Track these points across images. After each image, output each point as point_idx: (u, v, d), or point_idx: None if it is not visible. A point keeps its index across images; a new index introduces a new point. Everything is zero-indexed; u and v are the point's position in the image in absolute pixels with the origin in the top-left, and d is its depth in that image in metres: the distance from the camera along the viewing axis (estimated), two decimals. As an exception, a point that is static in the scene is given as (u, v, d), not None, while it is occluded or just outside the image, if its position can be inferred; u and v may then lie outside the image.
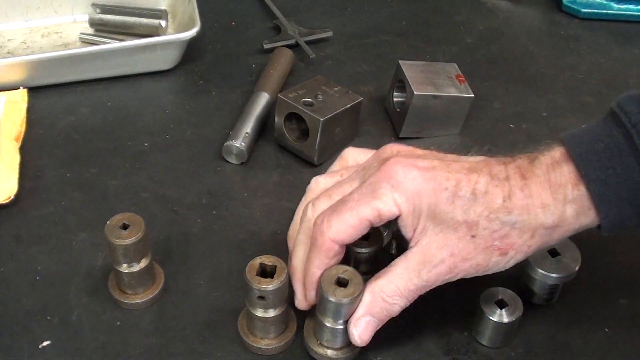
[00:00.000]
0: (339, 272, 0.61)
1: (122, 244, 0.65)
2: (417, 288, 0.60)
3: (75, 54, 0.91)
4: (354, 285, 0.60)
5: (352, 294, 0.60)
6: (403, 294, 0.60)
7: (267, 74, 0.94)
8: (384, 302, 0.60)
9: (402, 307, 0.61)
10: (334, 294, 0.60)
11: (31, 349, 0.65)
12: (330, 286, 0.60)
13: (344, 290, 0.60)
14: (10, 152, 0.82)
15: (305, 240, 0.64)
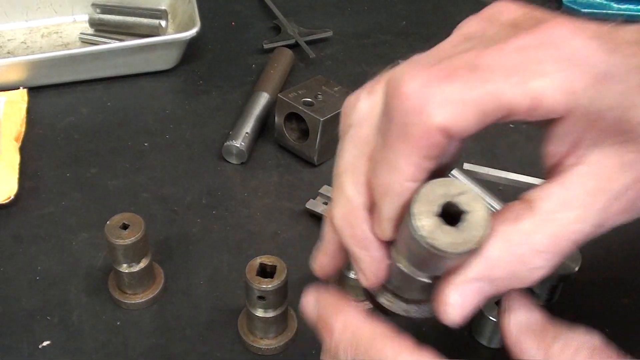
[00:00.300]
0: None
1: (122, 244, 0.65)
2: (581, 237, 0.38)
3: (75, 54, 0.91)
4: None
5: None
6: (558, 249, 0.37)
7: (267, 74, 0.94)
8: (520, 264, 0.37)
9: (544, 274, 0.38)
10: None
11: (31, 349, 0.65)
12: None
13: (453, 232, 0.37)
14: (10, 152, 0.82)
15: (362, 134, 0.41)
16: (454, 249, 0.36)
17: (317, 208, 0.77)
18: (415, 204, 0.37)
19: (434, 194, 0.37)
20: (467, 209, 0.36)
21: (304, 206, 0.78)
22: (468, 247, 0.36)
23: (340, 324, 0.42)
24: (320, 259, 0.49)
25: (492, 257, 0.37)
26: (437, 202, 0.37)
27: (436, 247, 0.36)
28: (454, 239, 0.36)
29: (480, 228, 0.36)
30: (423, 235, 0.36)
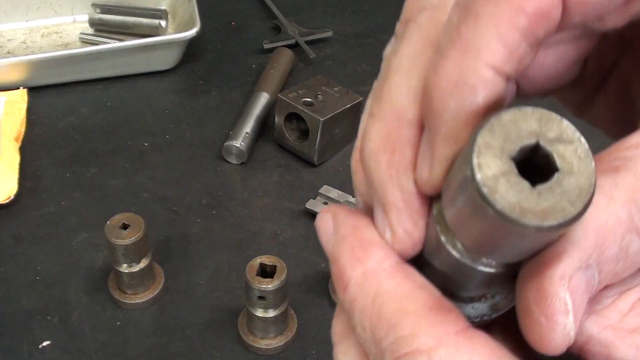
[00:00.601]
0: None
1: (122, 244, 0.65)
2: None
3: (75, 54, 0.91)
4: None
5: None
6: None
7: (267, 74, 0.94)
8: (633, 234, 0.25)
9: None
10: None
11: (31, 349, 0.65)
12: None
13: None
14: (10, 152, 0.82)
15: (440, 22, 0.27)
16: (533, 220, 0.23)
17: (317, 208, 0.77)
18: (481, 136, 0.24)
19: (516, 126, 0.24)
20: (564, 167, 0.24)
21: (304, 206, 0.78)
22: (557, 220, 0.23)
23: (359, 275, 0.26)
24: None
25: (601, 224, 0.25)
26: (518, 141, 0.24)
27: (492, 205, 0.23)
28: (535, 204, 0.23)
29: (582, 196, 0.23)
30: (483, 190, 0.23)
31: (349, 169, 0.36)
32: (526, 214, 0.23)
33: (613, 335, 0.25)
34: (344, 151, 0.86)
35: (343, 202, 0.77)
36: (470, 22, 0.25)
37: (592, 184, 0.23)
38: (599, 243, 0.24)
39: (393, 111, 0.27)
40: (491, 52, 0.24)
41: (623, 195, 0.25)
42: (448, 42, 0.25)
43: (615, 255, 0.24)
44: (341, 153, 0.86)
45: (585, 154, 0.24)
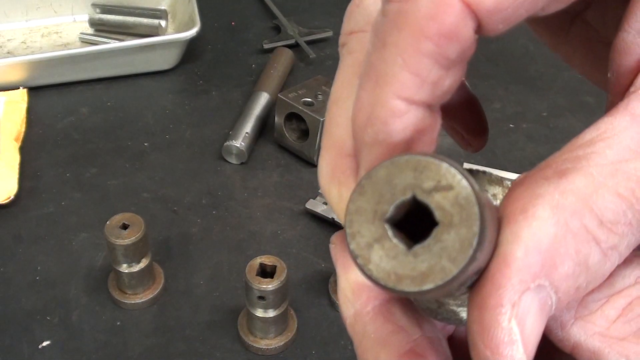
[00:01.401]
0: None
1: (122, 244, 0.65)
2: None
3: (75, 54, 0.91)
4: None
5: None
6: (637, 216, 0.23)
7: (267, 74, 0.94)
8: (587, 245, 0.23)
9: (619, 260, 0.24)
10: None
11: (31, 349, 0.65)
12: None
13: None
14: (10, 152, 0.82)
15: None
16: (409, 287, 0.21)
17: (317, 208, 0.77)
18: (352, 202, 0.22)
19: (389, 183, 0.22)
20: (444, 219, 0.21)
21: (304, 206, 0.78)
22: (436, 282, 0.21)
23: (351, 316, 0.27)
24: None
25: (544, 240, 0.22)
26: (392, 200, 0.22)
27: (368, 276, 0.22)
28: (412, 268, 0.21)
29: (464, 250, 0.21)
30: (358, 262, 0.22)
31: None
32: (401, 281, 0.21)
33: (601, 342, 0.24)
34: (344, 151, 0.86)
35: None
36: (379, 51, 0.23)
37: (476, 234, 0.21)
38: (546, 261, 0.22)
39: (335, 145, 0.27)
40: (399, 82, 0.23)
41: (572, 202, 0.22)
42: (364, 72, 0.24)
43: (572, 271, 0.22)
44: (341, 153, 0.86)
45: (467, 199, 0.21)
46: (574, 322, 0.24)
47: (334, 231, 0.75)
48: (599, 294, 0.24)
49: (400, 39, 0.23)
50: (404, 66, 0.23)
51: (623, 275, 0.24)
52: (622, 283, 0.24)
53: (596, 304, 0.24)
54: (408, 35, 0.23)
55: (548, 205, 0.22)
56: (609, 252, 0.22)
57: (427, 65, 0.23)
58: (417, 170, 0.22)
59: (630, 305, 0.24)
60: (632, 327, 0.23)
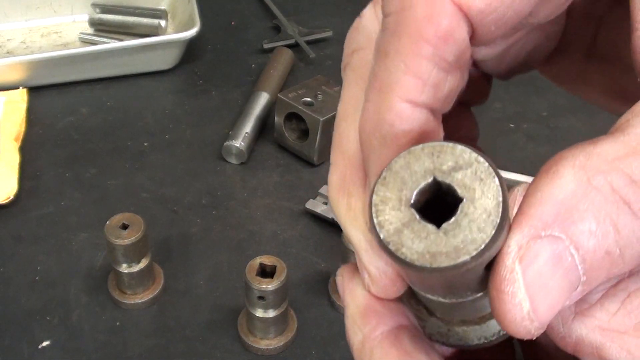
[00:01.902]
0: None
1: (122, 244, 0.65)
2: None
3: (75, 54, 0.91)
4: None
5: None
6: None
7: (267, 74, 0.94)
8: (617, 203, 0.22)
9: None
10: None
11: (31, 349, 0.65)
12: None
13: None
14: (10, 152, 0.82)
15: (369, 60, 0.27)
16: (445, 262, 0.22)
17: (317, 208, 0.77)
18: (375, 193, 0.23)
19: (409, 170, 0.23)
20: (467, 195, 0.22)
21: (304, 206, 0.78)
22: (470, 253, 0.22)
23: (359, 342, 0.27)
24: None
25: (560, 193, 0.22)
26: (414, 183, 0.23)
27: (402, 260, 0.22)
28: (444, 244, 0.22)
29: (491, 219, 0.22)
30: (390, 248, 0.23)
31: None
32: (436, 258, 0.22)
33: (603, 336, 0.23)
34: (343, 151, 0.86)
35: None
36: (382, 61, 0.25)
37: (500, 202, 0.22)
38: (561, 213, 0.22)
39: (345, 158, 0.28)
40: (403, 86, 0.24)
41: (597, 162, 0.22)
42: (369, 85, 0.26)
43: (595, 229, 0.21)
44: (341, 153, 0.85)
45: (486, 172, 0.22)
46: (575, 317, 0.24)
47: (334, 231, 0.75)
48: (598, 285, 0.24)
49: (400, 46, 0.24)
50: (406, 70, 0.24)
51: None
52: (620, 275, 0.24)
53: (595, 296, 0.24)
54: (407, 41, 0.24)
55: (570, 165, 0.22)
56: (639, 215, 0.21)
57: (428, 68, 0.24)
58: (434, 155, 0.23)
59: (630, 297, 0.23)
60: (632, 320, 0.23)
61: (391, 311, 0.27)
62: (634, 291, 0.23)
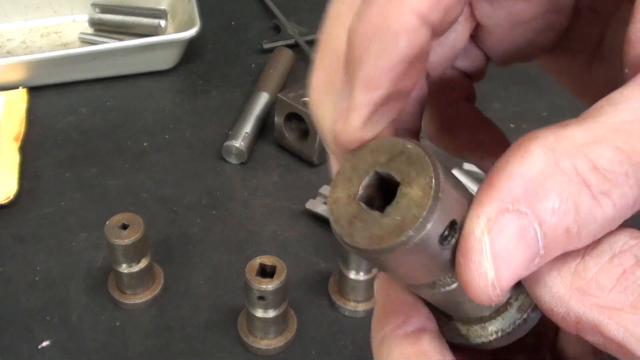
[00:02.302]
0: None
1: (122, 244, 0.65)
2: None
3: (75, 54, 0.91)
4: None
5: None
6: (633, 170, 0.23)
7: (267, 74, 0.94)
8: (578, 187, 0.23)
9: (615, 213, 0.23)
10: None
11: (31, 349, 0.65)
12: None
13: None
14: (10, 152, 0.82)
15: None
16: (393, 241, 0.23)
17: (317, 208, 0.77)
18: (331, 190, 0.26)
19: (355, 169, 0.25)
20: (404, 178, 0.24)
21: (304, 206, 0.78)
22: (411, 228, 0.23)
23: (379, 338, 0.28)
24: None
25: (529, 171, 0.23)
26: (359, 179, 0.25)
27: (356, 248, 0.24)
28: (379, 230, 0.24)
29: (426, 195, 0.24)
30: (346, 240, 0.25)
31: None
32: (383, 239, 0.24)
33: (600, 314, 0.24)
34: (343, 151, 0.86)
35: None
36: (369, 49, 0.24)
37: (432, 177, 0.23)
38: (529, 190, 0.23)
39: (333, 58, 0.27)
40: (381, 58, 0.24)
41: (566, 146, 0.23)
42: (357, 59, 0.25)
43: (557, 207, 0.22)
44: (341, 153, 0.85)
45: (418, 155, 0.24)
46: (572, 296, 0.24)
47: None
48: (590, 261, 0.24)
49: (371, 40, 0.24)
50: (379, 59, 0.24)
51: (612, 241, 0.24)
52: (612, 247, 0.24)
53: (590, 271, 0.24)
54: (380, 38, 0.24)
55: (541, 145, 0.23)
56: (600, 197, 0.23)
57: (390, 55, 0.24)
58: (374, 151, 0.25)
59: (625, 274, 0.24)
60: (628, 296, 0.23)
61: (418, 314, 0.28)
62: (629, 267, 0.24)
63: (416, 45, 0.24)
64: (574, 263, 0.24)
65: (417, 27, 0.24)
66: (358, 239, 0.24)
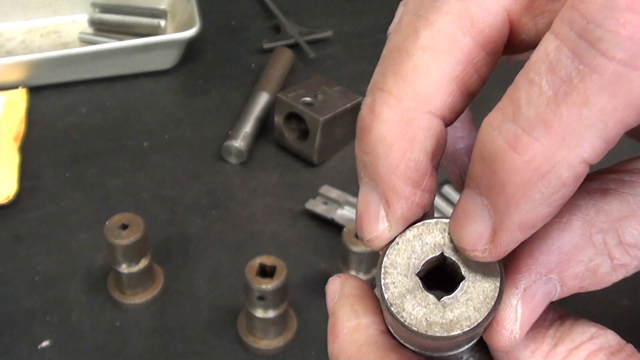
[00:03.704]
0: None
1: (122, 244, 0.65)
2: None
3: (75, 54, 0.91)
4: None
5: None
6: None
7: (267, 74, 0.94)
8: (602, 258, 0.26)
9: (624, 276, 0.28)
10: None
11: (30, 349, 0.65)
12: None
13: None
14: (10, 152, 0.82)
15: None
16: (439, 332, 0.24)
17: (317, 208, 0.77)
18: (387, 257, 0.26)
19: (420, 240, 0.26)
20: (469, 275, 0.25)
21: (304, 206, 0.78)
22: (463, 329, 0.24)
23: (352, 326, 0.29)
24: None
25: (567, 244, 0.25)
26: (422, 256, 0.25)
27: (401, 322, 0.25)
28: (442, 316, 0.25)
29: (487, 302, 0.25)
30: (392, 310, 0.25)
31: (349, 168, 0.36)
32: (432, 327, 0.25)
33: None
34: (343, 151, 0.86)
35: (343, 202, 0.76)
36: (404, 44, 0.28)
37: (497, 287, 0.25)
38: (562, 261, 0.26)
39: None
40: (427, 75, 0.26)
41: (602, 221, 0.25)
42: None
43: (581, 273, 0.26)
44: (341, 153, 0.86)
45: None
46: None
47: (333, 231, 0.75)
48: (562, 346, 0.27)
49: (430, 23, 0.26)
50: (434, 54, 0.26)
51: (581, 331, 0.28)
52: (580, 338, 0.28)
53: (559, 356, 0.27)
54: (442, 19, 0.26)
55: (582, 219, 0.25)
56: (618, 268, 0.26)
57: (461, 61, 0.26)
58: (446, 231, 0.26)
59: (589, 356, 0.27)
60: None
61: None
62: (592, 352, 0.28)
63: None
64: (546, 348, 0.27)
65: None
66: (406, 316, 0.25)
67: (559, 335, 0.28)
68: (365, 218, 0.27)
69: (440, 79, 0.25)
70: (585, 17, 0.21)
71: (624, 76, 0.20)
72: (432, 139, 0.26)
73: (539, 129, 0.22)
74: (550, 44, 0.22)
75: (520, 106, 0.22)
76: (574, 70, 0.21)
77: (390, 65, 0.27)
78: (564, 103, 0.21)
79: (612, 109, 0.21)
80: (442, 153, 0.27)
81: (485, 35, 0.25)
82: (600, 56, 0.21)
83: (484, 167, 0.23)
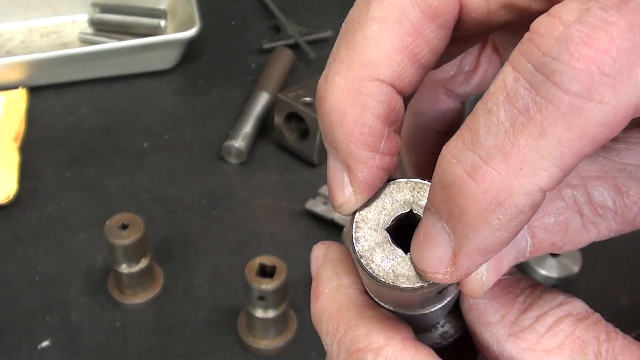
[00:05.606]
0: None
1: (122, 244, 0.65)
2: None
3: (75, 54, 0.91)
4: None
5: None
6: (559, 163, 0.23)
7: (267, 74, 0.94)
8: (574, 213, 0.27)
9: (594, 239, 0.28)
10: None
11: (30, 349, 0.65)
12: None
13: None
14: (10, 152, 0.82)
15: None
16: (405, 283, 0.26)
17: (317, 208, 0.77)
18: (359, 212, 0.27)
19: (391, 198, 0.27)
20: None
21: (304, 206, 0.78)
22: (417, 283, 0.26)
23: (334, 287, 0.31)
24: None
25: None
26: (392, 212, 0.27)
27: (370, 273, 0.26)
28: (398, 268, 0.26)
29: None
30: (361, 261, 0.26)
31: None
32: (399, 278, 0.26)
33: (531, 356, 0.27)
34: (343, 151, 0.86)
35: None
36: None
37: None
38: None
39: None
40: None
41: (573, 176, 0.26)
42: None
43: (551, 226, 0.27)
44: (341, 153, 0.85)
45: None
46: (507, 339, 0.28)
47: (333, 231, 0.75)
48: (530, 312, 0.28)
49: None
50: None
51: (550, 299, 0.28)
52: (549, 305, 0.28)
53: (528, 321, 0.28)
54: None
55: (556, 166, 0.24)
56: (589, 227, 0.27)
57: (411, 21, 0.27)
58: (415, 190, 0.27)
59: (556, 322, 0.27)
60: (557, 340, 0.27)
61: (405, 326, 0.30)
62: (559, 318, 0.28)
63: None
64: (515, 313, 0.28)
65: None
66: (375, 267, 0.26)
67: (528, 302, 0.29)
68: (332, 185, 0.28)
69: (389, 48, 0.26)
70: (542, 50, 0.22)
71: (579, 108, 0.21)
72: (383, 104, 0.27)
73: (497, 159, 0.23)
74: (509, 75, 0.23)
75: (479, 135, 0.23)
76: (531, 101, 0.22)
77: (343, 36, 0.28)
78: (521, 133, 0.22)
79: (568, 140, 0.22)
80: (401, 119, 0.28)
81: (434, 8, 0.26)
82: (556, 88, 0.22)
83: (444, 194, 0.24)
